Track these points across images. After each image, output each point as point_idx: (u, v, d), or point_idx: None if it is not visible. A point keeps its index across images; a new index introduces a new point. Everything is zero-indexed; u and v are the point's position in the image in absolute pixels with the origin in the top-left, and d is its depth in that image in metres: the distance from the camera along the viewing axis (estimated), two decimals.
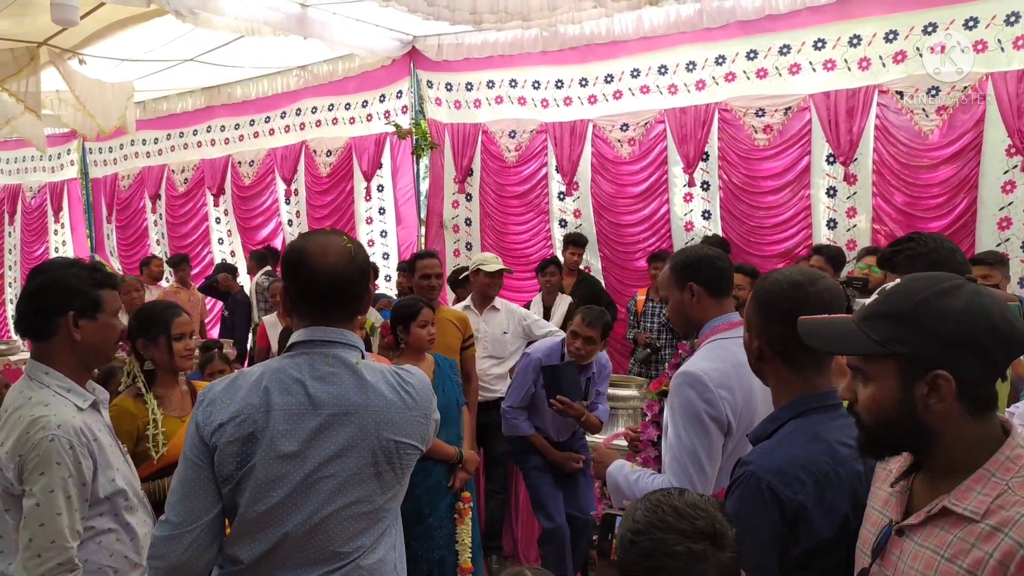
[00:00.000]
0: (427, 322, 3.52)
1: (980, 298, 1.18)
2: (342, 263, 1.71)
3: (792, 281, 1.59)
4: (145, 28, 5.64)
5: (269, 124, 8.47)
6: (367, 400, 1.68)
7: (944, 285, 1.21)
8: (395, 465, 1.72)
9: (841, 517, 1.45)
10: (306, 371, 1.68)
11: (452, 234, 7.48)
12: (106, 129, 6.43)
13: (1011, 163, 4.85)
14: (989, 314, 1.17)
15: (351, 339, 1.74)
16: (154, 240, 9.98)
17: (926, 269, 2.30)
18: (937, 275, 1.25)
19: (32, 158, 10.97)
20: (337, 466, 1.66)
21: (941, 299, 1.19)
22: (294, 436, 1.64)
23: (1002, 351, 1.19)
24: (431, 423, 1.80)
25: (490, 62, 6.77)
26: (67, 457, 1.83)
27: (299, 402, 1.65)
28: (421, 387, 1.78)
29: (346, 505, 1.67)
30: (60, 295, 1.93)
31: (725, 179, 5.93)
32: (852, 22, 5.21)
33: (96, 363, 2.06)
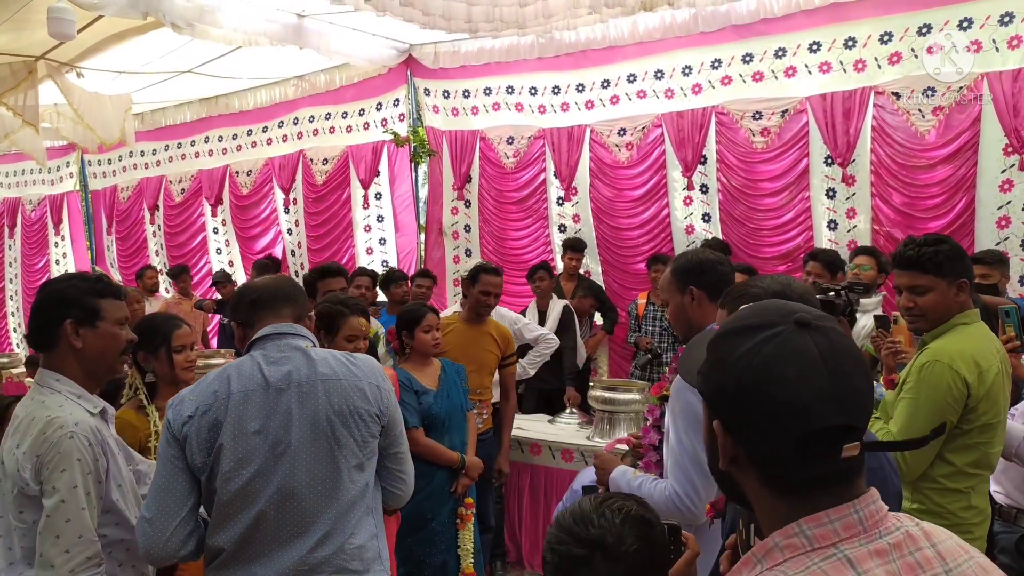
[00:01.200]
0: (432, 327, 3.53)
1: (782, 351, 0.90)
2: (274, 279, 2.12)
3: (773, 293, 1.58)
4: (142, 41, 5.66)
5: (267, 134, 8.49)
6: (315, 372, 1.88)
7: (749, 322, 0.96)
8: (353, 432, 1.88)
9: None
10: (261, 359, 1.90)
11: (451, 240, 7.49)
12: (108, 141, 6.45)
13: (1008, 162, 4.86)
14: (773, 375, 0.89)
15: (301, 331, 1.98)
16: (153, 251, 9.99)
17: (961, 272, 2.33)
18: (769, 307, 0.99)
19: (31, 171, 10.99)
20: (295, 435, 1.83)
21: (730, 340, 0.95)
22: (255, 415, 1.83)
23: (778, 424, 0.89)
24: (384, 394, 1.96)
25: (487, 69, 6.79)
26: (86, 454, 1.85)
27: (256, 384, 1.85)
28: (367, 361, 1.99)
29: (311, 476, 1.83)
30: (58, 305, 1.96)
31: (724, 182, 5.94)
32: (847, 24, 5.23)
33: (101, 372, 2.05)
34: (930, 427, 2.25)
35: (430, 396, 3.49)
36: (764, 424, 0.91)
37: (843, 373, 0.90)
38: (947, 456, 2.32)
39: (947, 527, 2.30)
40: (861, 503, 0.92)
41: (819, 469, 0.91)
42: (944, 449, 2.32)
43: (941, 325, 2.40)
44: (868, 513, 0.92)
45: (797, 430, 0.88)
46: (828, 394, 0.88)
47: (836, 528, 0.90)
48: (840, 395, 0.89)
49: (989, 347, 2.36)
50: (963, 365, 2.25)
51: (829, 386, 0.89)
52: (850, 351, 0.93)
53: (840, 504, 0.91)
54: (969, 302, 2.40)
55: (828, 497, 0.91)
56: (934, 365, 2.28)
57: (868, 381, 0.94)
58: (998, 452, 2.40)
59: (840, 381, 0.89)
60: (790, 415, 0.88)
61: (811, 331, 0.92)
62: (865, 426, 0.94)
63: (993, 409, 2.29)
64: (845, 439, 0.89)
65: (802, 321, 0.92)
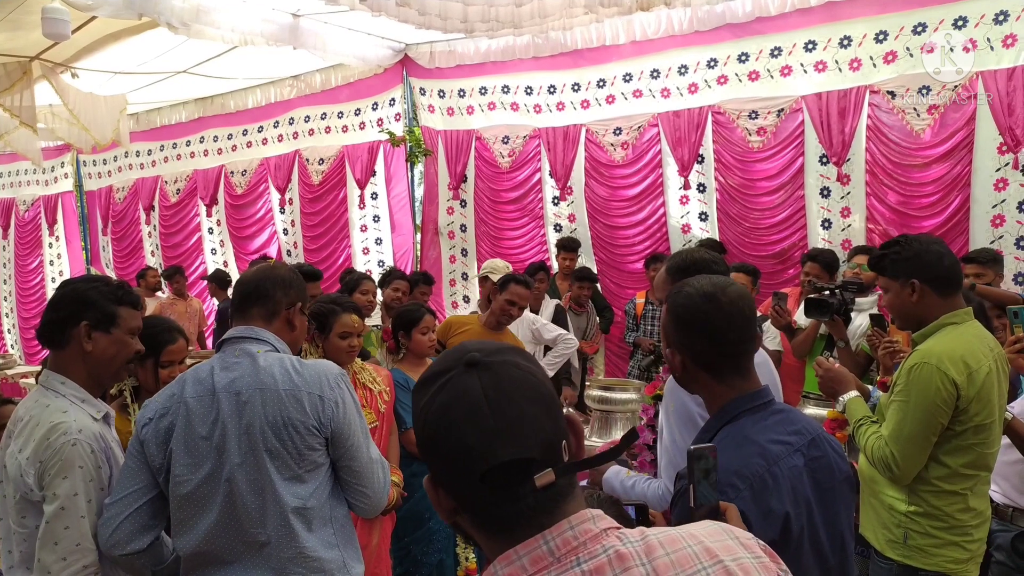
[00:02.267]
0: (428, 328, 3.54)
1: (450, 396, 0.92)
2: (255, 273, 2.07)
3: (704, 293, 1.57)
4: (137, 41, 5.65)
5: (262, 134, 8.48)
6: (257, 380, 1.88)
7: (432, 370, 0.98)
8: (285, 443, 1.85)
9: (781, 517, 1.41)
10: (217, 363, 1.94)
11: (447, 240, 7.49)
12: (101, 142, 6.43)
13: (1003, 160, 4.87)
14: (444, 422, 0.91)
15: (261, 335, 1.99)
16: (149, 251, 9.97)
17: (912, 272, 2.37)
18: (452, 352, 1.00)
19: (25, 171, 10.97)
20: (232, 443, 1.85)
21: (418, 391, 0.98)
22: (203, 420, 1.87)
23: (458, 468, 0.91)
24: (328, 405, 1.91)
25: (482, 68, 6.79)
26: (88, 461, 1.86)
27: (205, 390, 1.89)
28: (315, 369, 1.94)
29: (250, 485, 1.84)
30: (77, 305, 1.97)
31: (721, 181, 5.95)
32: (842, 23, 5.24)
33: (106, 378, 2.06)
34: (921, 429, 2.27)
35: None
36: (449, 470, 0.91)
37: (508, 406, 0.89)
38: (942, 458, 2.31)
39: (945, 529, 2.33)
40: (553, 532, 0.88)
41: (516, 504, 0.89)
42: (938, 451, 2.31)
43: (918, 324, 2.41)
44: (561, 541, 0.88)
45: (475, 471, 0.87)
46: (492, 431, 0.88)
47: (524, 564, 0.88)
48: (505, 430, 0.88)
49: (980, 347, 2.34)
50: (951, 367, 2.25)
51: (493, 423, 0.88)
52: (518, 381, 0.92)
53: (534, 536, 0.89)
54: (946, 302, 2.38)
55: (529, 530, 0.89)
56: (922, 367, 2.28)
57: (543, 407, 0.92)
58: (995, 453, 2.39)
59: (505, 415, 0.88)
60: (464, 458, 0.89)
61: (479, 370, 0.91)
62: (551, 453, 0.90)
63: (986, 410, 2.29)
64: (529, 470, 0.87)
65: (471, 361, 0.92)
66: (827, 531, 1.51)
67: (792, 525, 1.42)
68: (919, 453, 2.29)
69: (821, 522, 1.49)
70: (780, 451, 1.47)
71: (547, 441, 0.90)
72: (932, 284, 2.37)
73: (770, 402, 1.58)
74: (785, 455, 1.47)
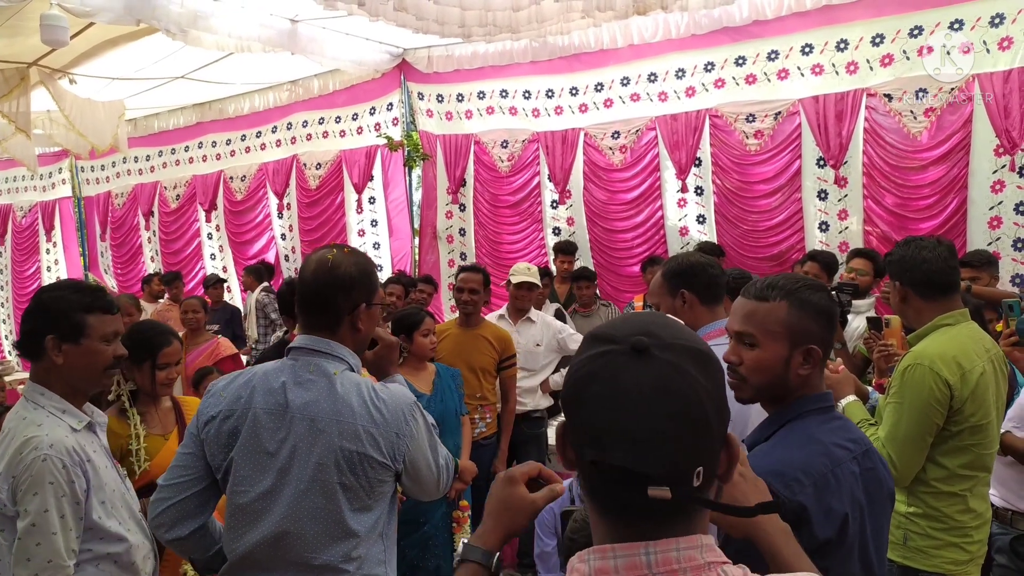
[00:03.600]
0: (429, 331, 3.55)
1: (600, 372, 0.87)
2: (315, 276, 1.85)
3: (824, 289, 1.65)
4: (135, 47, 5.66)
5: (260, 139, 8.48)
6: (335, 409, 1.77)
7: (603, 332, 0.92)
8: (359, 477, 1.78)
9: (841, 517, 1.45)
10: (289, 377, 1.82)
11: (446, 244, 7.49)
12: (99, 148, 6.43)
13: (1000, 163, 4.88)
14: (582, 392, 0.88)
15: (336, 350, 1.85)
16: (148, 257, 9.97)
17: (896, 275, 2.42)
18: (634, 320, 0.92)
19: (23, 177, 10.96)
20: (303, 468, 1.76)
21: (583, 345, 0.93)
22: (271, 436, 1.78)
23: (577, 441, 0.89)
24: (404, 441, 1.82)
25: (480, 73, 6.80)
26: (60, 476, 1.83)
27: (278, 403, 1.79)
28: (394, 405, 1.83)
29: (313, 509, 1.76)
30: (43, 318, 1.94)
31: (718, 184, 5.96)
32: (838, 27, 5.25)
33: (87, 387, 2.02)
34: (917, 430, 2.27)
35: (424, 400, 3.49)
36: (573, 438, 0.89)
37: (647, 414, 0.83)
38: (939, 459, 2.32)
39: (944, 530, 2.34)
40: (658, 546, 0.84)
41: (622, 499, 0.85)
42: (936, 452, 2.32)
43: (916, 326, 2.44)
44: (663, 559, 0.84)
45: (588, 456, 0.85)
46: (619, 429, 0.83)
47: (617, 565, 0.85)
48: (631, 435, 0.83)
49: (974, 348, 2.35)
50: (944, 367, 2.26)
51: (623, 422, 0.83)
52: (675, 392, 0.84)
53: (637, 541, 0.85)
54: (931, 304, 2.40)
55: (629, 531, 0.86)
56: (915, 368, 2.29)
57: (687, 429, 0.84)
58: (992, 453, 2.40)
59: (639, 421, 0.83)
60: (585, 438, 0.86)
61: (642, 359, 0.85)
62: (677, 475, 0.83)
63: (981, 410, 2.30)
64: (640, 485, 0.82)
65: (638, 346, 0.85)
66: (874, 541, 1.54)
67: (849, 527, 1.45)
68: (916, 454, 2.30)
69: (870, 531, 1.53)
70: (842, 455, 1.51)
71: (673, 462, 0.83)
72: (914, 287, 2.41)
73: (832, 407, 1.62)
74: (846, 460, 1.51)
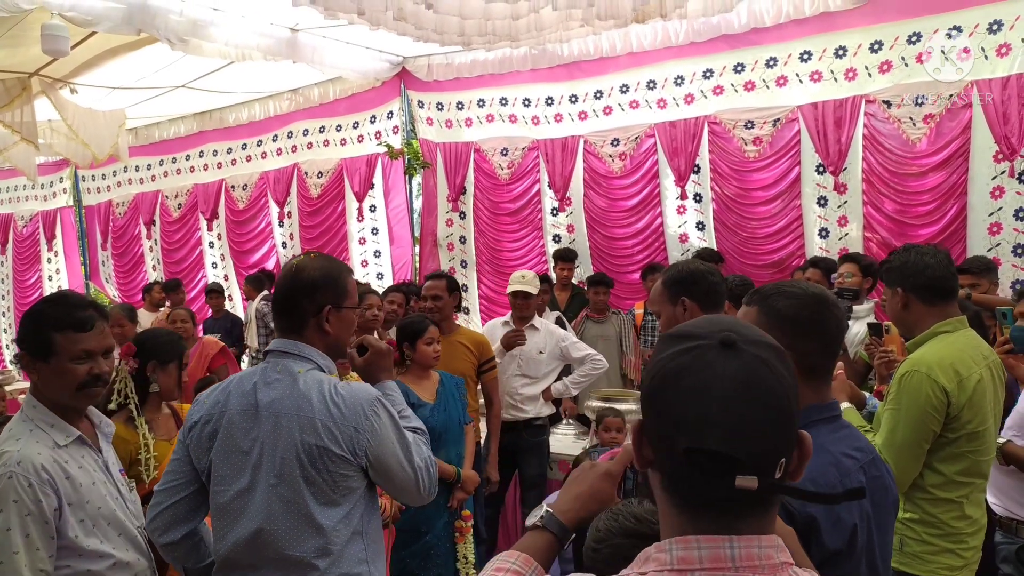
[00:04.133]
0: (433, 339, 3.54)
1: (692, 364, 0.89)
2: (282, 281, 1.98)
3: (814, 296, 1.61)
4: (136, 56, 5.68)
5: (261, 147, 8.50)
6: (296, 404, 1.85)
7: (685, 330, 0.96)
8: (321, 471, 1.83)
9: (850, 528, 1.45)
10: (260, 377, 1.92)
11: (447, 252, 7.50)
12: (100, 157, 6.45)
13: (999, 168, 4.89)
14: (674, 384, 0.89)
15: (303, 351, 1.93)
16: (150, 266, 9.98)
17: (897, 281, 2.40)
18: (714, 321, 0.97)
19: (23, 187, 10.98)
20: (271, 464, 1.84)
21: (664, 343, 0.96)
22: (245, 435, 1.86)
23: (668, 433, 0.89)
24: (363, 435, 1.86)
25: (480, 81, 6.82)
26: (25, 495, 1.79)
27: (249, 404, 1.88)
28: (352, 400, 1.88)
29: (283, 504, 1.83)
30: (21, 334, 1.95)
31: (717, 191, 5.97)
32: (837, 33, 5.27)
33: (67, 403, 1.97)
34: (913, 436, 2.27)
35: (426, 409, 3.48)
36: (661, 431, 0.90)
37: (741, 402, 0.86)
38: (936, 466, 2.32)
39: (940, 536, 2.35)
40: (742, 541, 0.87)
41: (707, 491, 0.87)
42: (933, 459, 2.32)
43: (912, 332, 2.44)
44: (746, 554, 0.87)
45: (680, 445, 0.86)
46: (714, 418, 0.86)
47: (701, 555, 0.87)
48: (727, 423, 0.85)
49: (972, 354, 2.36)
50: (941, 374, 2.26)
51: (716, 410, 0.86)
52: (763, 384, 0.88)
53: (722, 535, 0.88)
54: (938, 311, 2.40)
55: (712, 524, 0.88)
56: (912, 375, 2.30)
57: (775, 419, 0.88)
58: (989, 460, 2.40)
59: (733, 409, 0.86)
60: (677, 428, 0.87)
61: (731, 352, 0.89)
62: (764, 464, 0.86)
63: (978, 417, 2.30)
64: (728, 470, 0.84)
65: (727, 341, 0.89)
66: (880, 549, 1.54)
67: (858, 538, 1.45)
68: (913, 460, 2.30)
69: (877, 540, 1.52)
70: (850, 465, 1.50)
71: (764, 452, 0.87)
72: (916, 293, 2.41)
73: (839, 416, 1.60)
74: (854, 470, 1.50)
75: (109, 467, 2.05)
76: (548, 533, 1.22)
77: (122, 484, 2.08)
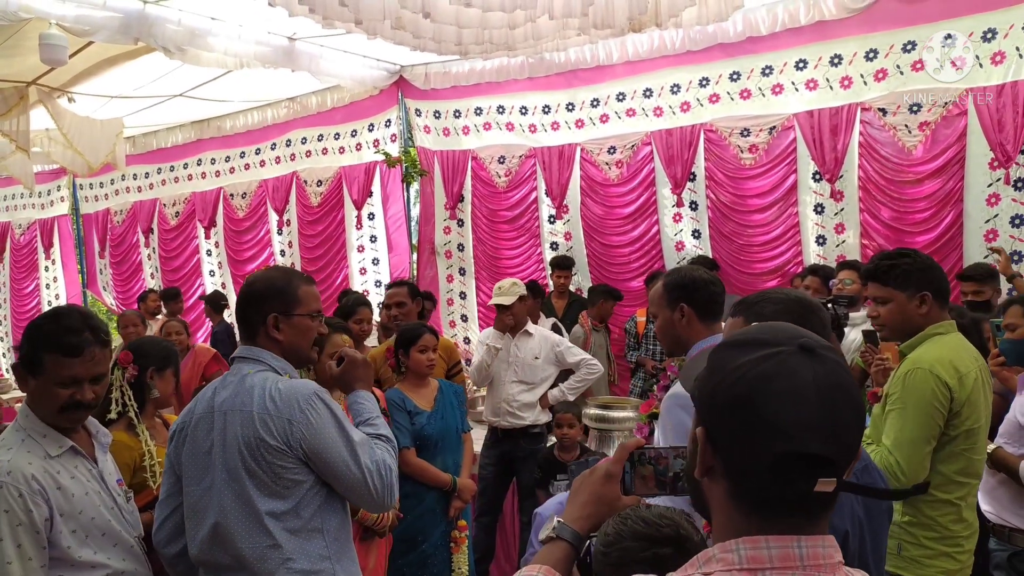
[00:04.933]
0: (427, 347, 3.54)
1: (779, 370, 0.90)
2: (239, 293, 2.12)
3: (793, 300, 1.63)
4: (134, 65, 5.70)
5: (260, 156, 8.51)
6: (240, 400, 1.94)
7: (756, 336, 0.96)
8: (259, 462, 1.90)
9: (842, 534, 1.45)
10: (219, 381, 2.04)
11: (444, 260, 7.50)
12: (94, 166, 6.45)
13: (995, 176, 4.90)
14: (764, 391, 0.89)
15: (257, 355, 2.03)
16: (148, 274, 9.97)
17: (924, 285, 2.39)
18: (778, 327, 0.99)
19: (21, 195, 10.98)
20: (221, 460, 1.93)
21: (732, 351, 0.96)
22: (205, 436, 1.97)
23: (758, 439, 0.89)
24: (297, 427, 1.90)
25: (477, 89, 6.84)
26: (16, 504, 1.79)
27: (207, 407, 1.99)
28: (289, 393, 1.94)
29: (232, 498, 1.91)
30: (20, 344, 1.98)
31: (713, 198, 5.98)
32: (832, 42, 5.29)
33: (52, 420, 1.94)
34: (921, 433, 2.29)
35: (423, 417, 3.48)
36: (745, 437, 0.90)
37: (833, 405, 0.89)
38: (937, 465, 2.35)
39: (937, 540, 2.35)
40: (809, 540, 0.90)
41: (787, 494, 0.89)
42: (934, 458, 2.34)
43: (913, 336, 2.45)
44: (813, 553, 0.89)
45: (775, 450, 0.87)
46: (813, 422, 0.87)
47: (771, 555, 0.89)
48: (825, 426, 0.87)
49: (966, 355, 2.41)
50: (943, 370, 2.30)
51: (817, 414, 0.87)
52: (846, 386, 0.91)
53: (789, 535, 0.90)
54: (940, 313, 2.44)
55: (782, 525, 0.90)
56: (916, 372, 2.32)
57: (859, 419, 0.92)
58: (982, 460, 2.45)
59: (828, 412, 0.88)
60: (772, 433, 0.88)
61: (813, 357, 0.91)
62: (846, 464, 0.90)
63: (975, 414, 2.34)
64: (822, 471, 0.88)
65: (806, 346, 0.91)
66: (874, 555, 1.54)
67: (850, 543, 1.46)
68: (923, 458, 2.32)
69: (870, 545, 1.53)
70: None
71: (850, 452, 0.91)
72: (938, 296, 2.43)
73: None
74: None
75: (104, 477, 2.04)
76: (563, 542, 1.25)
77: (118, 494, 2.08)
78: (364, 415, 2.10)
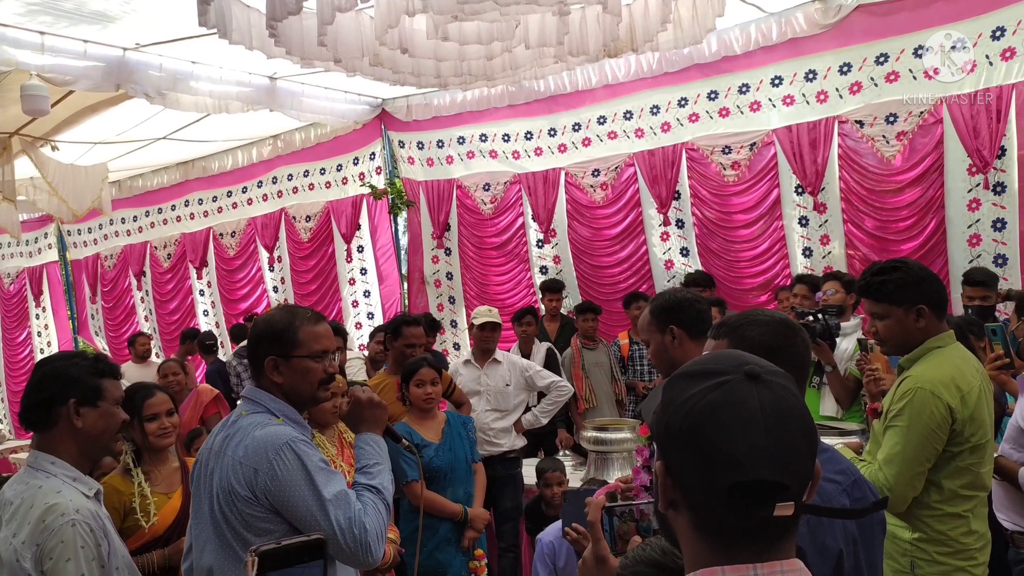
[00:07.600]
0: (424, 381, 3.55)
1: (726, 399, 0.91)
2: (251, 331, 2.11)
3: (783, 322, 1.65)
4: (116, 111, 5.72)
5: (247, 194, 8.54)
6: (224, 446, 1.94)
7: (702, 367, 0.96)
8: (231, 509, 1.86)
9: (835, 554, 1.44)
10: (223, 424, 2.03)
11: (434, 289, 7.52)
12: (79, 212, 6.45)
13: (974, 181, 4.96)
14: (712, 421, 0.90)
15: (256, 396, 2.02)
16: (143, 317, 9.94)
17: (919, 298, 2.35)
18: (725, 356, 1.00)
19: (8, 244, 10.96)
20: (208, 502, 1.92)
21: (681, 383, 0.96)
22: (201, 475, 1.96)
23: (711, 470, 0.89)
24: (262, 477, 1.85)
25: (459, 119, 6.90)
26: (89, 540, 1.85)
27: (209, 445, 1.99)
28: (260, 442, 1.89)
29: (213, 541, 1.89)
30: (62, 384, 1.97)
31: (699, 216, 6.02)
32: (806, 58, 5.37)
33: (96, 452, 2.08)
34: (916, 454, 2.27)
35: (431, 449, 3.49)
36: (699, 468, 0.90)
37: (781, 431, 0.89)
38: (941, 482, 2.31)
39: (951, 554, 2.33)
40: (765, 568, 0.90)
41: (746, 522, 0.89)
42: (939, 475, 2.31)
43: (913, 350, 2.41)
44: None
45: (728, 479, 0.87)
46: (762, 448, 0.87)
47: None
48: (774, 451, 0.88)
49: (968, 368, 2.37)
50: (945, 391, 2.26)
51: (764, 440, 0.88)
52: (794, 410, 0.92)
53: (749, 563, 0.90)
54: (939, 325, 2.40)
55: (746, 553, 0.90)
56: (917, 392, 2.29)
57: (809, 442, 0.92)
58: (989, 472, 2.41)
59: (776, 438, 0.88)
60: (723, 463, 0.88)
61: (759, 384, 0.91)
62: (802, 487, 0.90)
63: (980, 430, 2.31)
64: (775, 497, 0.87)
65: (752, 373, 0.92)
66: (869, 572, 1.53)
67: (844, 563, 1.45)
68: (912, 477, 2.29)
69: (865, 562, 1.52)
70: (832, 489, 1.50)
71: (803, 476, 0.91)
72: (935, 308, 2.38)
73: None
74: (836, 494, 1.50)
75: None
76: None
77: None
78: (362, 461, 2.03)
